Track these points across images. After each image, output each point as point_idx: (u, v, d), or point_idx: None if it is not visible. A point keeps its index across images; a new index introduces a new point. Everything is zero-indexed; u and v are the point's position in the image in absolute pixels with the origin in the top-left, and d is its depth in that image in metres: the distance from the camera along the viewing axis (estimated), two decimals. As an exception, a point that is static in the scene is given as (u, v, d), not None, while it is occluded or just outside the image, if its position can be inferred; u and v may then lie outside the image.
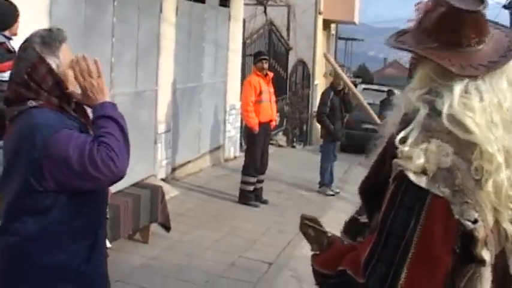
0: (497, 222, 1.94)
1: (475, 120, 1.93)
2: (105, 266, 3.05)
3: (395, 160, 1.93)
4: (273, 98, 10.27)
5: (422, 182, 1.88)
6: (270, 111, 10.09)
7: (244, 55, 13.91)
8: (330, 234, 2.32)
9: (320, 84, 22.91)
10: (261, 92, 9.83)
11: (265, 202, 10.15)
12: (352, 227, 2.45)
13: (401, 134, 1.95)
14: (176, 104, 10.28)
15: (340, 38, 27.80)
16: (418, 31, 2.11)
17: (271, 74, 10.34)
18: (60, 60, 2.81)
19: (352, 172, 15.86)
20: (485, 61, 2.01)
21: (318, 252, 2.31)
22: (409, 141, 1.93)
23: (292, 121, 18.72)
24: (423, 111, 1.96)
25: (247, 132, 10.16)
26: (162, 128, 9.74)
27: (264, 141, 10.11)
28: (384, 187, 2.03)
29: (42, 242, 2.72)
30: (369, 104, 20.13)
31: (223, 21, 12.69)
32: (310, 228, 2.35)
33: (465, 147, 1.92)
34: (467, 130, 1.92)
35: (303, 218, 2.40)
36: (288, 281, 6.92)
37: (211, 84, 12.10)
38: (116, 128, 2.72)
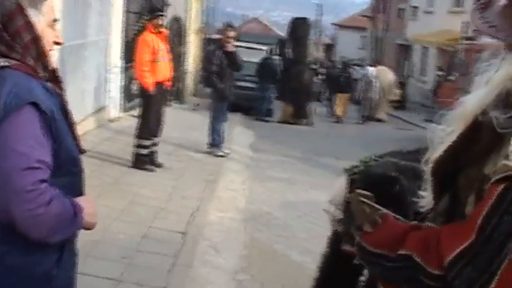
0: None
1: None
2: (75, 267, 2.60)
3: (507, 162, 1.72)
4: (169, 57, 9.75)
5: None
6: (165, 70, 9.57)
7: (127, 11, 13.20)
8: (382, 211, 2.13)
9: (192, 41, 22.39)
10: (157, 51, 9.29)
11: (159, 166, 9.69)
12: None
13: None
14: (63, 62, 9.51)
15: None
16: (509, 10, 1.81)
17: (166, 31, 9.80)
18: (43, 16, 2.32)
19: (234, 131, 15.70)
20: None
21: (370, 230, 2.10)
22: None
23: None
24: None
25: (142, 94, 9.57)
26: (50, 88, 8.98)
27: (160, 102, 9.61)
28: (462, 168, 1.92)
29: (6, 240, 2.22)
30: (247, 62, 19.95)
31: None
32: (365, 205, 2.14)
33: None
34: None
35: (358, 194, 2.18)
36: (206, 251, 6.61)
37: (95, 42, 11.38)
38: (70, 218, 2.29)
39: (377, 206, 2.15)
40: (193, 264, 6.09)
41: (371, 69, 24.89)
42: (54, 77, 2.42)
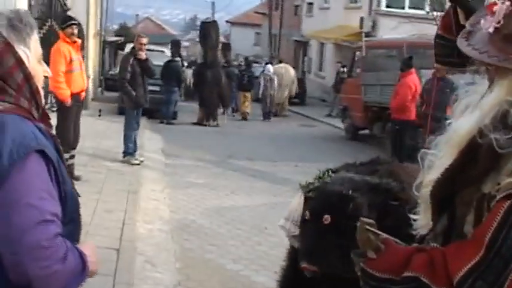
0: None
1: None
2: None
3: None
4: (84, 67, 9.50)
5: None
6: (81, 81, 9.31)
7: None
8: (383, 237, 2.16)
9: (92, 45, 21.94)
10: (71, 61, 9.01)
11: (78, 179, 9.41)
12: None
13: None
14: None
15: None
16: (497, 37, 1.92)
17: (79, 41, 9.52)
18: (31, 51, 2.14)
19: (143, 137, 15.46)
20: None
21: (374, 257, 2.12)
22: None
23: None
24: None
25: (58, 106, 9.27)
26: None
27: (76, 114, 9.34)
28: (461, 190, 2.00)
29: None
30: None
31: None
32: (369, 232, 2.17)
33: None
34: None
35: (363, 223, 2.20)
36: (144, 267, 6.47)
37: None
38: (80, 271, 2.11)
39: (379, 232, 2.18)
40: (134, 283, 5.94)
41: (270, 67, 25.23)
42: (43, 115, 2.26)
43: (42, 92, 2.20)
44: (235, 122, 22.38)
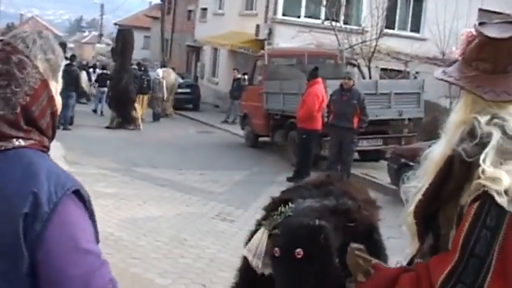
0: None
1: None
2: None
3: (478, 181, 1.99)
4: None
5: (504, 202, 1.95)
6: None
7: None
8: (373, 262, 2.31)
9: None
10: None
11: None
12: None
13: (482, 156, 2.00)
14: None
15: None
16: (462, 61, 2.21)
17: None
18: (58, 84, 1.97)
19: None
20: None
21: (364, 280, 2.28)
22: (487, 163, 2.00)
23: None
24: (496, 134, 2.04)
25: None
26: None
27: None
28: (443, 207, 2.15)
29: None
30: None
31: None
32: (359, 257, 2.33)
33: None
34: None
35: (353, 248, 2.37)
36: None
37: None
38: None
39: (369, 257, 2.32)
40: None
41: (160, 71, 25.63)
42: None
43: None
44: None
